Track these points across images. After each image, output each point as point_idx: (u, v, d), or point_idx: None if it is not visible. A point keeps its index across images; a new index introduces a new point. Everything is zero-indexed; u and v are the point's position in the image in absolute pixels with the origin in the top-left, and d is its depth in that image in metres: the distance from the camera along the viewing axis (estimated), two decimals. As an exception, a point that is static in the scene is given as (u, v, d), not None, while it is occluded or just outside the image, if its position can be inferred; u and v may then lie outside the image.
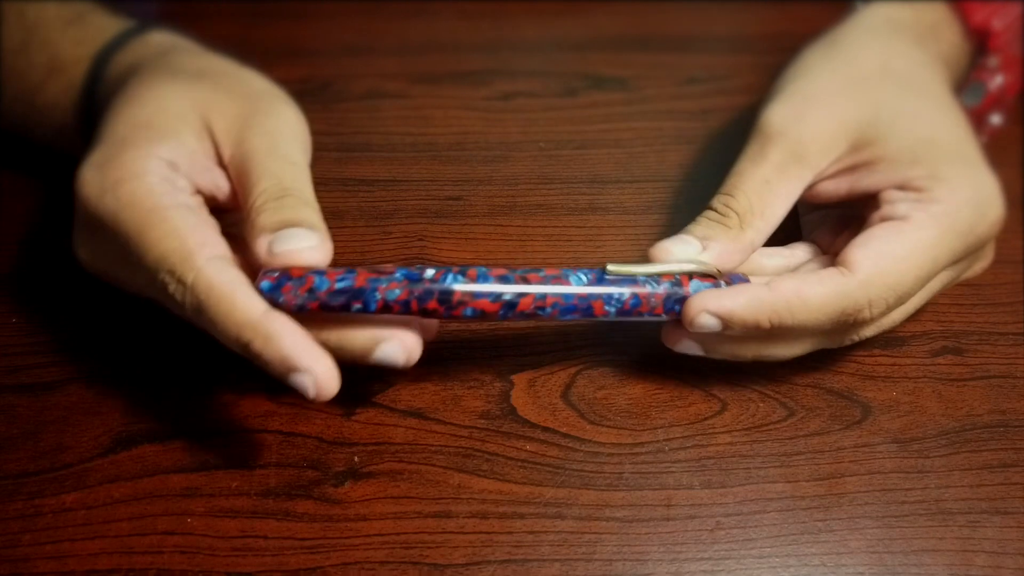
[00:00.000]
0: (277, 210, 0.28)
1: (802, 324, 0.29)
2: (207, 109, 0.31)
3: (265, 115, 0.31)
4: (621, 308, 0.29)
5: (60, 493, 0.30)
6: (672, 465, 0.31)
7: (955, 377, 0.34)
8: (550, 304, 0.28)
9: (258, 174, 0.29)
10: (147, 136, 0.30)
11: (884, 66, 0.34)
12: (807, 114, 0.33)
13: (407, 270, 0.28)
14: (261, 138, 0.31)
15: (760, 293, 0.29)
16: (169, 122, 0.30)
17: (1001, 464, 0.31)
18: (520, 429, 0.32)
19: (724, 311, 0.29)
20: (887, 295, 0.29)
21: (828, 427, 0.32)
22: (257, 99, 0.32)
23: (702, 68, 0.48)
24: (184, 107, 0.31)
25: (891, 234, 0.30)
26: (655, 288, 0.30)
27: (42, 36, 0.36)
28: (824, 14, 0.38)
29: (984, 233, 0.31)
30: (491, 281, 0.28)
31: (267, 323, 0.26)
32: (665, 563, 0.29)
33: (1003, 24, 0.38)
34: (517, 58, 0.49)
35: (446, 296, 0.28)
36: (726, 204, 0.32)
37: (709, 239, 0.31)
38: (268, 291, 0.27)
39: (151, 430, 0.32)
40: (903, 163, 0.31)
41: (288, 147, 0.31)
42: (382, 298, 0.27)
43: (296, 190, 0.29)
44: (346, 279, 0.27)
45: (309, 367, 0.26)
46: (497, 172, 0.42)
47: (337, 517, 0.30)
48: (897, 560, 0.29)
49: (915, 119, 0.32)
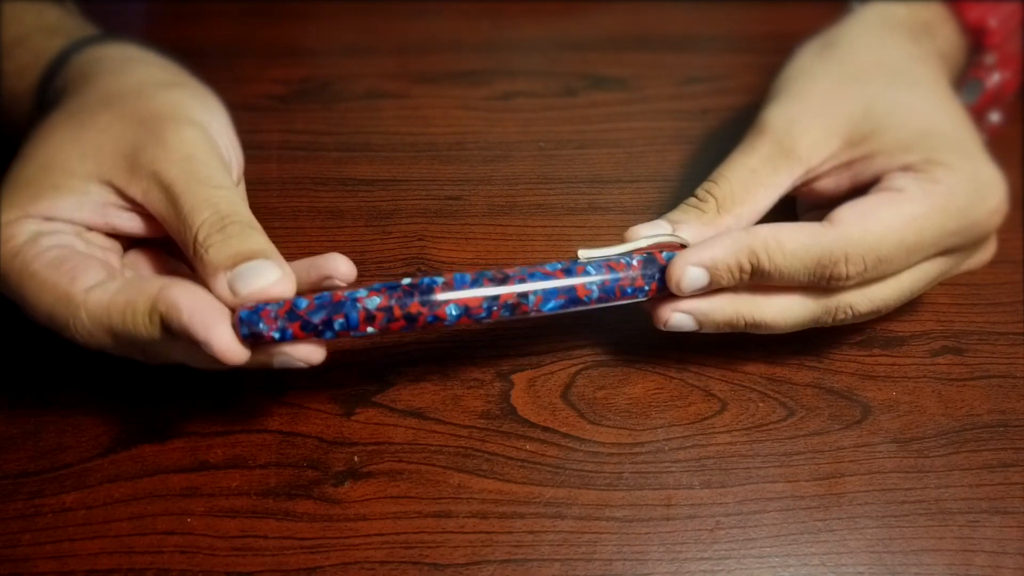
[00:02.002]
0: (224, 242, 0.27)
1: (779, 269, 0.29)
2: (100, 153, 0.29)
3: (168, 141, 0.29)
4: (602, 285, 0.29)
5: (60, 493, 0.30)
6: (672, 465, 0.31)
7: (955, 377, 0.34)
8: (531, 291, 0.28)
9: (189, 207, 0.28)
10: (25, 196, 0.29)
11: (878, 61, 0.34)
12: (802, 114, 0.33)
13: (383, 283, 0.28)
14: (175, 168, 0.29)
15: (738, 235, 0.30)
16: (51, 178, 0.29)
17: (1001, 464, 0.31)
18: (520, 429, 0.32)
19: (707, 259, 0.29)
20: (864, 253, 0.29)
21: (828, 427, 0.32)
22: (156, 124, 0.30)
23: (702, 68, 0.48)
24: (70, 158, 0.29)
25: (881, 200, 0.30)
26: (630, 263, 0.30)
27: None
28: (824, 14, 0.38)
29: (982, 219, 0.31)
30: (468, 277, 0.28)
31: (165, 295, 0.26)
32: (665, 563, 0.29)
33: (998, 21, 0.38)
34: (517, 58, 0.49)
35: (427, 296, 0.27)
36: (707, 191, 0.32)
37: (681, 223, 0.32)
38: (247, 318, 0.26)
39: (151, 430, 0.32)
40: (900, 153, 0.32)
41: (206, 169, 0.29)
42: (363, 308, 0.27)
43: (234, 215, 0.28)
44: (324, 296, 0.27)
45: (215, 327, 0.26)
46: (497, 172, 0.42)
47: (337, 517, 0.30)
48: (897, 560, 0.29)
49: (910, 112, 0.32)
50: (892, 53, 0.35)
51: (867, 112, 0.32)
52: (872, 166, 0.32)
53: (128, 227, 0.30)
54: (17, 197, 0.29)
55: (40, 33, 0.36)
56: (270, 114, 0.44)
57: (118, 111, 0.31)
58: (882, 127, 0.32)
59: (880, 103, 0.33)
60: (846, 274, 0.30)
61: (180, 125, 0.30)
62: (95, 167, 0.29)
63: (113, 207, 0.30)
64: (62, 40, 0.35)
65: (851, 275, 0.30)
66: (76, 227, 0.29)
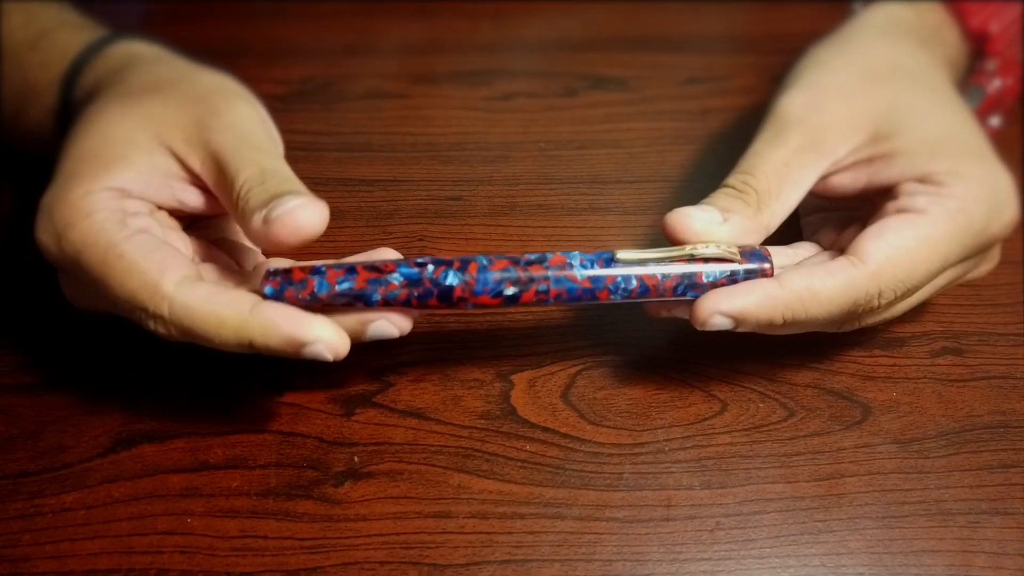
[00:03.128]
0: (263, 191, 0.28)
1: (814, 318, 0.29)
2: (159, 125, 0.30)
3: (222, 113, 0.31)
4: (628, 296, 0.29)
5: (60, 493, 0.30)
6: (672, 465, 0.31)
7: (955, 377, 0.34)
8: (553, 296, 0.28)
9: (235, 168, 0.29)
10: (93, 169, 0.29)
11: (895, 65, 0.34)
12: (825, 102, 0.32)
13: (407, 267, 0.28)
14: (225, 135, 0.30)
15: (771, 290, 0.29)
16: (116, 148, 0.29)
17: (1001, 464, 0.31)
18: (520, 429, 0.32)
19: (736, 311, 0.28)
20: (896, 287, 0.29)
21: (828, 427, 0.32)
22: (210, 99, 0.31)
23: (702, 68, 0.48)
24: (132, 129, 0.30)
25: (905, 226, 0.30)
26: (666, 275, 0.29)
27: (14, 61, 0.36)
28: (824, 14, 0.38)
29: (996, 234, 0.31)
30: (492, 276, 0.28)
31: (258, 318, 0.27)
32: (665, 563, 0.29)
33: (1000, 27, 0.38)
34: (517, 58, 0.49)
35: (446, 294, 0.28)
36: (745, 182, 0.31)
37: (730, 211, 0.30)
38: (271, 296, 0.27)
39: (151, 430, 0.32)
40: (922, 156, 0.31)
41: (255, 137, 0.30)
42: (382, 298, 0.28)
43: (276, 171, 0.29)
44: (346, 280, 0.27)
45: (315, 337, 0.27)
46: (497, 172, 0.42)
47: (337, 517, 0.30)
48: (897, 560, 0.29)
49: (930, 115, 0.32)
50: (906, 58, 0.35)
51: (890, 110, 0.32)
52: (892, 168, 0.31)
53: (193, 202, 0.31)
54: (84, 170, 0.29)
55: (65, 28, 0.36)
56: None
57: (171, 91, 0.32)
58: (905, 127, 0.32)
59: (902, 103, 0.32)
60: (878, 306, 0.30)
61: (232, 99, 0.31)
62: (157, 137, 0.30)
63: (178, 179, 0.30)
64: (88, 35, 0.36)
65: (882, 306, 0.30)
66: (149, 205, 0.30)
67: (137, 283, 0.27)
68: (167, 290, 0.27)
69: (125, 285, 0.27)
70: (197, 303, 0.27)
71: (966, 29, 0.38)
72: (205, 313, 0.27)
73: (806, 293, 0.29)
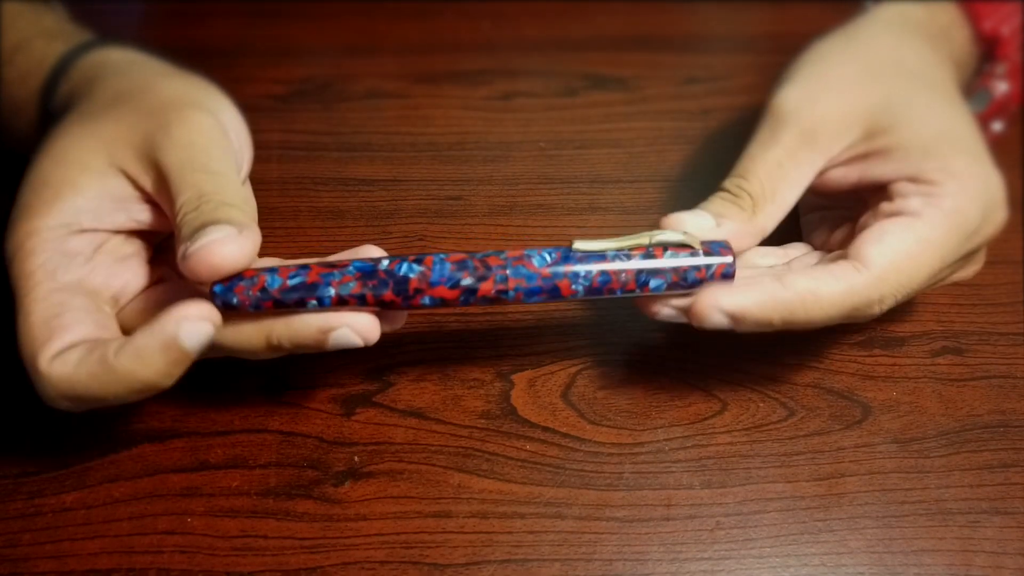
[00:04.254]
0: (195, 217, 0.27)
1: (812, 320, 0.29)
2: (112, 145, 0.29)
3: (172, 128, 0.29)
4: (589, 286, 0.28)
5: (60, 493, 0.30)
6: (672, 465, 0.31)
7: (955, 377, 0.34)
8: (512, 287, 0.28)
9: (175, 190, 0.28)
10: (44, 199, 0.28)
11: (897, 60, 0.34)
12: (820, 97, 0.32)
13: (361, 262, 0.27)
14: (171, 154, 0.29)
15: (774, 290, 0.28)
16: (68, 174, 0.29)
17: (1001, 464, 0.31)
18: (520, 429, 0.32)
19: (737, 309, 0.28)
20: (897, 292, 0.29)
21: (828, 427, 0.32)
22: (163, 113, 0.30)
23: (702, 68, 0.48)
24: (86, 151, 0.29)
25: (904, 231, 0.30)
26: (625, 263, 0.28)
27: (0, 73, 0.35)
28: (824, 14, 0.38)
29: (987, 235, 0.31)
30: (448, 268, 0.27)
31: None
32: (665, 563, 0.29)
33: (1011, 31, 0.37)
34: (517, 58, 0.49)
35: (402, 287, 0.27)
36: (739, 186, 0.31)
37: (723, 216, 0.30)
38: (220, 293, 0.26)
39: (151, 430, 0.32)
40: (916, 154, 0.31)
41: (204, 156, 0.29)
42: (336, 293, 0.27)
43: (213, 194, 0.27)
44: (298, 275, 0.27)
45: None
46: (497, 172, 0.42)
47: (337, 517, 0.30)
48: (897, 560, 0.29)
49: (928, 112, 0.32)
50: (910, 54, 0.35)
51: (887, 105, 0.32)
52: (886, 164, 0.31)
53: (152, 222, 0.30)
54: (35, 201, 0.28)
55: (40, 38, 0.36)
56: (270, 114, 0.44)
57: (128, 105, 0.31)
58: (901, 123, 0.31)
59: (900, 99, 0.32)
60: (878, 311, 0.30)
61: (187, 112, 0.30)
62: (109, 159, 0.29)
63: (134, 201, 0.29)
64: (62, 45, 0.35)
65: (882, 311, 0.30)
66: (101, 236, 0.29)
67: (25, 346, 0.26)
68: (40, 365, 0.26)
69: (21, 342, 0.26)
70: (60, 377, 0.26)
71: (978, 31, 0.38)
72: (74, 383, 0.26)
73: (808, 296, 0.29)
